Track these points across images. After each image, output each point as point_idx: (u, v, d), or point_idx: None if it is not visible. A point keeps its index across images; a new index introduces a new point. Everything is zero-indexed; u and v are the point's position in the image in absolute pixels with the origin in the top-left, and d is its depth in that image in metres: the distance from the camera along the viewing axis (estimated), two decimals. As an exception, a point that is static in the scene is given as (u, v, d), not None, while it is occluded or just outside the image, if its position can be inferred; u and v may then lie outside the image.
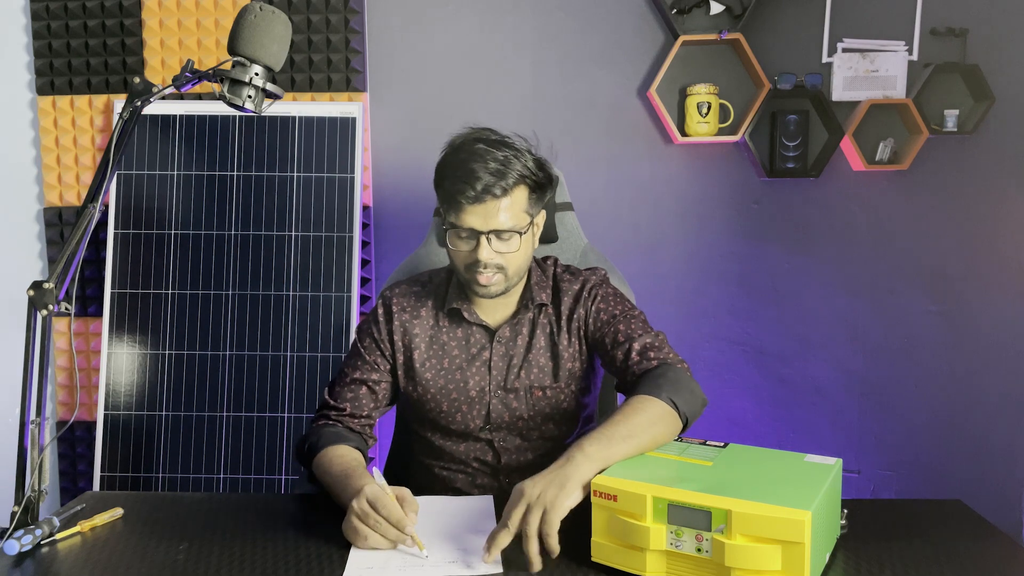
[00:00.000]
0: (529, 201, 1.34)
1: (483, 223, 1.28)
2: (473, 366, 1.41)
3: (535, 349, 1.41)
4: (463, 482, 1.44)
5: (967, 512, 1.20)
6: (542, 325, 1.42)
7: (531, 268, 1.44)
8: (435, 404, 1.41)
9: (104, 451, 2.28)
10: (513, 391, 1.40)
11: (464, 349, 1.42)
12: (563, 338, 1.41)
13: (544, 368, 1.40)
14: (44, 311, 1.18)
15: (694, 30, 2.38)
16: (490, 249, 1.29)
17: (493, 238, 1.29)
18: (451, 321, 1.43)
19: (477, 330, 1.42)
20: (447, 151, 1.35)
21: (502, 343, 1.41)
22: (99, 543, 1.13)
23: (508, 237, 1.30)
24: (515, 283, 1.37)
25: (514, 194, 1.30)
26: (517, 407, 1.40)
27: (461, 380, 1.40)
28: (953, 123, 2.37)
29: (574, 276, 1.45)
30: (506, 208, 1.29)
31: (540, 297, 1.41)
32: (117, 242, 2.32)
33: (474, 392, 1.40)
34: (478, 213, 1.28)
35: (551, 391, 1.40)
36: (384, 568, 1.03)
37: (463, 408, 1.41)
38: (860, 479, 2.52)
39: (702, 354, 2.49)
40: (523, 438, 1.42)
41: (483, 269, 1.30)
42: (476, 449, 1.42)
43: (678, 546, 0.97)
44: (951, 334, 2.48)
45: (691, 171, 2.48)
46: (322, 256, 2.30)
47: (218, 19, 2.43)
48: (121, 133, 1.24)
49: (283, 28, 1.27)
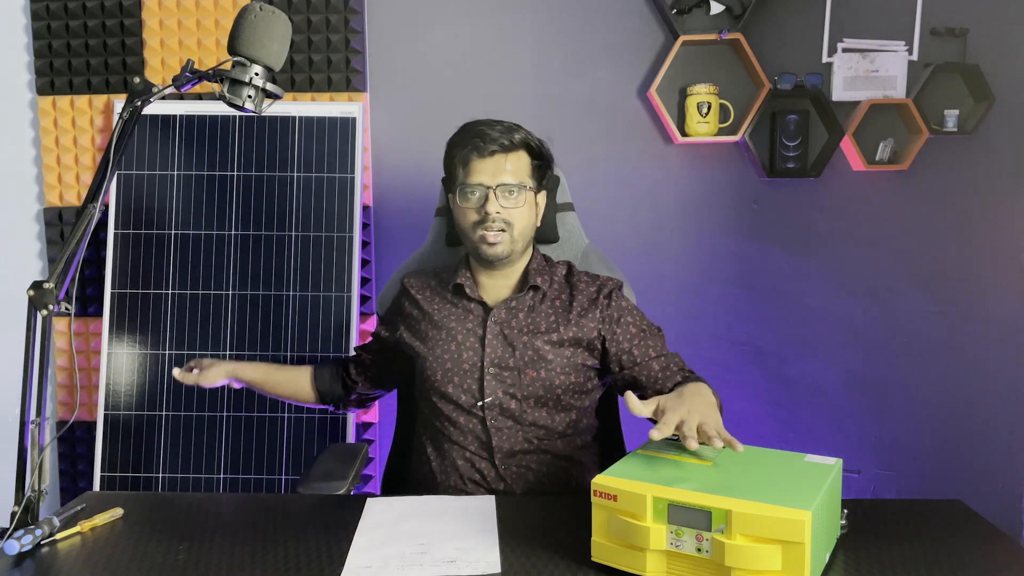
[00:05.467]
0: (531, 168, 1.47)
1: (491, 178, 1.42)
2: (468, 340, 1.47)
3: (532, 332, 1.45)
4: (465, 468, 1.46)
5: (967, 512, 1.20)
6: (544, 312, 1.47)
7: (533, 253, 1.53)
8: (431, 372, 1.48)
9: (104, 451, 2.28)
10: (507, 368, 1.44)
11: (460, 322, 1.49)
12: (570, 328, 1.45)
13: (540, 351, 1.44)
14: (44, 311, 1.18)
15: (694, 30, 2.38)
16: (497, 203, 1.41)
17: (501, 193, 1.41)
18: (454, 295, 1.52)
19: (475, 306, 1.50)
20: (457, 131, 1.48)
21: (497, 323, 1.47)
22: (99, 543, 1.14)
23: (515, 192, 1.42)
24: (519, 248, 1.47)
25: (519, 153, 1.44)
26: (511, 384, 1.44)
27: (456, 352, 1.47)
28: (953, 123, 2.37)
29: (591, 279, 1.53)
30: (512, 164, 1.43)
31: (536, 280, 1.48)
32: (117, 242, 2.32)
33: (467, 365, 1.46)
34: (487, 169, 1.42)
35: (545, 373, 1.44)
36: (383, 567, 1.03)
37: (455, 379, 1.46)
38: (860, 479, 2.52)
39: (702, 354, 2.49)
40: (515, 421, 1.44)
41: (491, 223, 1.41)
42: (471, 425, 1.46)
43: (678, 546, 0.97)
44: (951, 334, 2.48)
45: (691, 171, 2.48)
46: (322, 256, 2.30)
47: (218, 19, 2.43)
48: (121, 133, 1.24)
49: (283, 28, 1.27)
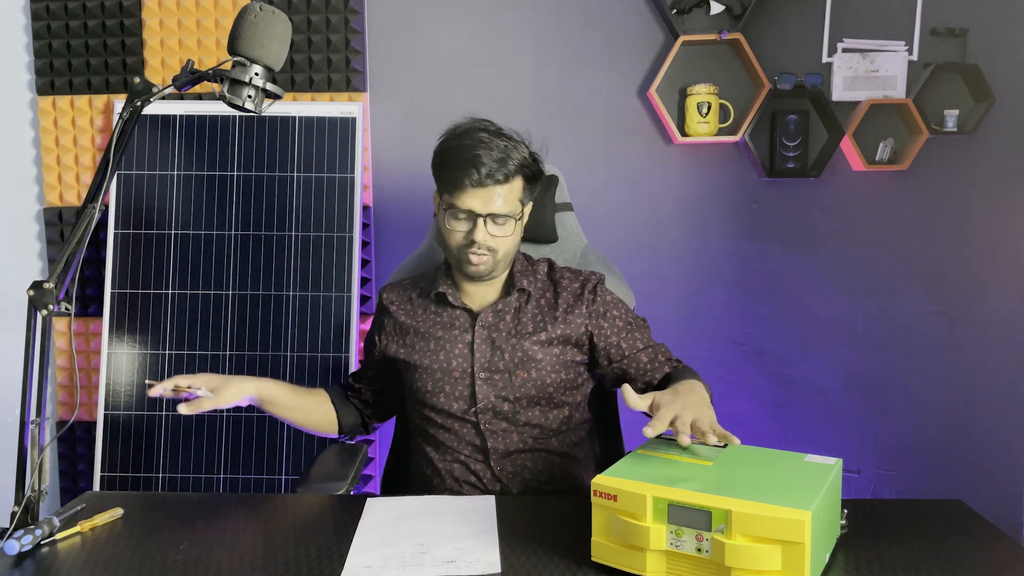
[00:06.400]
0: (524, 191, 1.43)
1: (482, 206, 1.38)
2: (456, 347, 1.46)
3: (520, 334, 1.45)
4: (460, 471, 1.46)
5: (967, 512, 1.20)
6: (531, 313, 1.47)
7: (517, 258, 1.52)
8: (421, 384, 1.47)
9: (104, 451, 2.28)
10: (497, 372, 1.44)
11: (447, 330, 1.48)
12: (557, 327, 1.45)
13: (529, 352, 1.44)
14: (44, 311, 1.18)
15: (694, 30, 2.38)
16: (486, 231, 1.38)
17: (490, 221, 1.38)
18: (437, 305, 1.51)
19: (460, 313, 1.49)
20: (448, 136, 1.43)
21: (484, 328, 1.46)
22: (99, 543, 1.13)
23: (503, 222, 1.40)
24: (501, 268, 1.46)
25: (513, 182, 1.39)
26: (503, 387, 1.43)
27: (444, 360, 1.46)
28: (953, 123, 2.37)
29: (575, 274, 1.52)
30: (504, 194, 1.38)
31: (522, 283, 1.48)
32: (117, 242, 2.32)
33: (457, 372, 1.45)
34: (479, 197, 1.37)
35: (536, 372, 1.44)
36: (383, 567, 1.03)
37: (445, 388, 1.45)
38: (860, 479, 2.52)
39: (702, 354, 2.48)
40: (509, 422, 1.44)
41: (476, 250, 1.39)
42: (466, 432, 1.45)
43: (678, 546, 0.97)
44: (951, 334, 2.48)
45: (691, 171, 2.48)
46: (322, 256, 2.30)
47: (218, 19, 2.43)
48: (121, 133, 1.24)
49: (283, 28, 1.27)
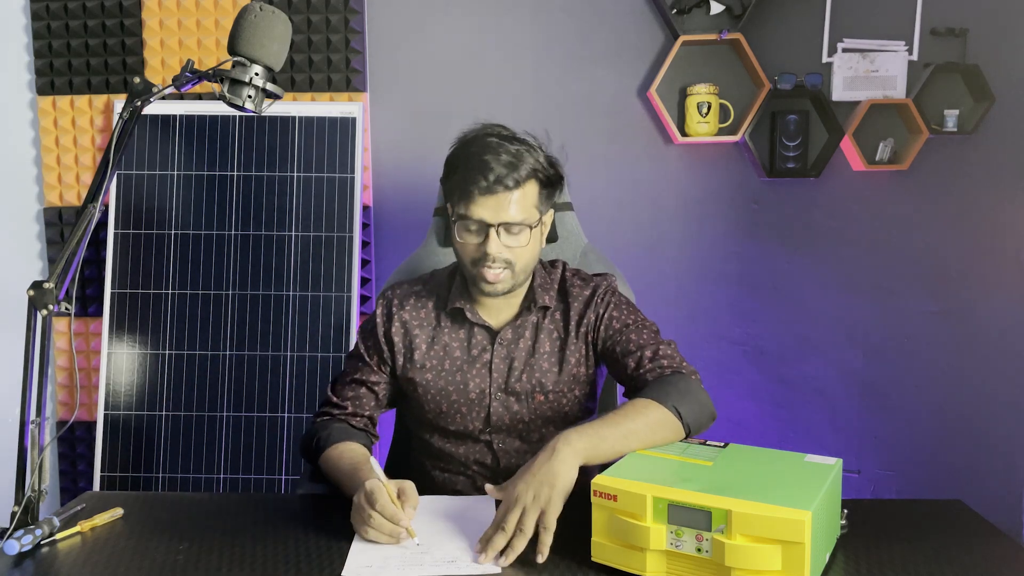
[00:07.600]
0: (539, 197, 1.33)
1: (493, 215, 1.28)
2: (474, 368, 1.39)
3: (538, 352, 1.39)
4: (463, 484, 1.43)
5: (967, 512, 1.20)
6: (547, 329, 1.40)
7: (536, 269, 1.42)
8: (434, 405, 1.40)
9: (104, 451, 2.28)
10: (514, 394, 1.38)
11: (465, 350, 1.40)
12: (571, 342, 1.39)
13: (547, 371, 1.38)
14: (44, 311, 1.18)
15: (694, 30, 2.38)
16: (499, 242, 1.28)
17: (503, 231, 1.29)
18: (453, 321, 1.41)
19: (479, 331, 1.40)
20: (458, 145, 1.34)
21: (504, 345, 1.39)
22: (99, 543, 1.13)
23: (518, 231, 1.29)
24: (521, 282, 1.36)
25: (526, 188, 1.29)
26: (518, 410, 1.39)
27: (461, 382, 1.39)
28: (953, 123, 2.37)
29: (585, 282, 1.43)
30: (517, 201, 1.28)
31: (543, 299, 1.40)
32: (117, 242, 2.32)
33: (474, 394, 1.39)
34: (489, 205, 1.27)
35: (553, 395, 1.39)
36: (383, 567, 1.03)
37: (462, 410, 1.39)
38: (860, 479, 2.52)
39: (702, 354, 2.48)
40: (523, 440, 1.40)
41: (491, 264, 1.29)
42: (475, 451, 1.41)
43: (678, 546, 0.97)
44: (951, 334, 2.48)
45: (691, 171, 2.48)
46: (322, 256, 2.30)
47: (218, 19, 2.43)
48: (121, 133, 1.24)
49: (283, 28, 1.27)
